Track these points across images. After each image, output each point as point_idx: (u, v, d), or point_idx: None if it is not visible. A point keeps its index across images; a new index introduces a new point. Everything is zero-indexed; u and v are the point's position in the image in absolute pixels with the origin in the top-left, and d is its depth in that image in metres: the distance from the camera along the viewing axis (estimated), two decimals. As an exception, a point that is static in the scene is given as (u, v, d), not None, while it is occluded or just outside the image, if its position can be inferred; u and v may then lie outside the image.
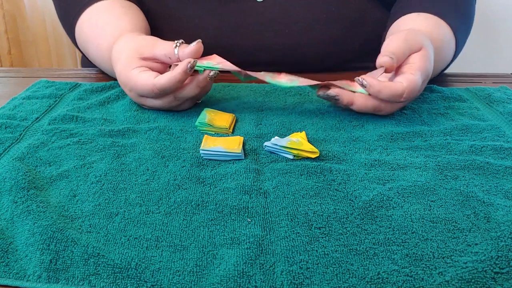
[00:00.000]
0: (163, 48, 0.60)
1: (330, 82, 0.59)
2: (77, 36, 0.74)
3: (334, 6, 0.76)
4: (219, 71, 0.59)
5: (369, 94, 0.57)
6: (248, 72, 0.60)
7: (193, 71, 0.57)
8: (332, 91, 0.58)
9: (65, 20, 0.76)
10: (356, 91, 0.59)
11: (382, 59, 0.57)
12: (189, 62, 0.56)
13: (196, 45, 0.58)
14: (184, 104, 0.61)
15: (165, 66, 0.62)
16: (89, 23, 0.71)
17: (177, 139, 0.54)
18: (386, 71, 0.57)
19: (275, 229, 0.39)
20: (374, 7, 0.79)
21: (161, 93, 0.58)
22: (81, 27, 0.73)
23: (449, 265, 0.35)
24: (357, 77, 0.57)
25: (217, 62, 0.60)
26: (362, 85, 0.56)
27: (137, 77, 0.58)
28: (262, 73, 0.60)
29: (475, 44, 0.84)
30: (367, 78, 0.56)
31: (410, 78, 0.56)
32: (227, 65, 0.60)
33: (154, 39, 0.62)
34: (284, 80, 0.60)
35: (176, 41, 0.60)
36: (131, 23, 0.70)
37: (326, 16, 0.76)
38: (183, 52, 0.58)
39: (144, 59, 0.60)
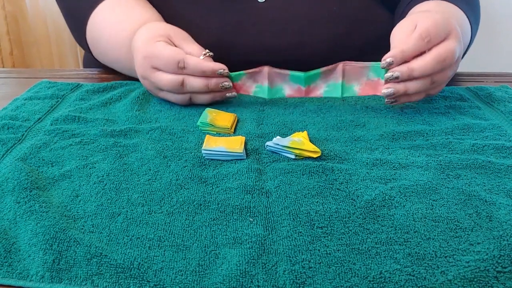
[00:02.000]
0: (192, 48, 0.62)
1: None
2: (89, 29, 0.74)
3: (335, 5, 0.76)
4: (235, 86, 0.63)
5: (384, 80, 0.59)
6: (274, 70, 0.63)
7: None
8: (387, 90, 0.58)
9: (75, 16, 0.76)
10: (368, 76, 0.60)
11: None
12: (223, 69, 0.60)
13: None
14: (194, 98, 0.63)
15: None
16: (108, 12, 0.72)
17: (179, 139, 0.55)
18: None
19: (277, 228, 0.39)
20: (376, 6, 0.79)
21: (180, 68, 0.59)
22: (97, 19, 0.73)
23: (451, 264, 0.35)
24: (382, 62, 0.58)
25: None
26: (389, 64, 0.57)
27: (164, 48, 0.60)
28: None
29: (476, 43, 0.84)
30: (388, 55, 0.57)
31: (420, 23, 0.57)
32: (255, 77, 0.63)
33: (186, 35, 0.65)
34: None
35: (207, 51, 0.63)
36: (156, 14, 0.72)
37: (327, 15, 0.76)
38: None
39: (171, 41, 0.63)
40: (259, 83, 0.63)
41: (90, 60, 0.87)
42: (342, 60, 0.80)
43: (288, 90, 0.63)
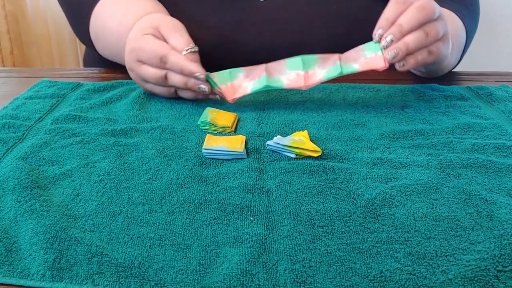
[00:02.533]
0: (177, 41, 0.62)
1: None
2: (92, 22, 0.75)
3: (335, 4, 0.76)
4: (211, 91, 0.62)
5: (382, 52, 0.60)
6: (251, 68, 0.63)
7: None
8: (390, 53, 0.59)
9: (78, 10, 0.76)
10: (365, 55, 0.61)
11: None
12: (200, 73, 0.59)
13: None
14: (178, 92, 0.64)
15: None
16: (111, 7, 0.72)
17: (179, 138, 0.55)
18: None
19: (278, 227, 0.39)
20: (376, 5, 0.79)
21: (161, 62, 0.60)
22: (101, 10, 0.73)
23: (452, 263, 0.35)
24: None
25: (232, 93, 0.62)
26: (381, 36, 0.60)
27: (150, 41, 0.61)
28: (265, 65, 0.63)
29: (476, 43, 0.84)
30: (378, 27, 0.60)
31: None
32: (226, 93, 0.62)
33: (178, 25, 0.65)
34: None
35: (190, 46, 0.62)
36: (159, 6, 0.72)
37: (327, 14, 0.76)
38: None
39: (159, 33, 0.63)
40: (256, 79, 0.62)
41: (91, 59, 0.87)
42: None
43: (286, 81, 0.61)
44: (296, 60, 0.62)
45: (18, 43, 1.84)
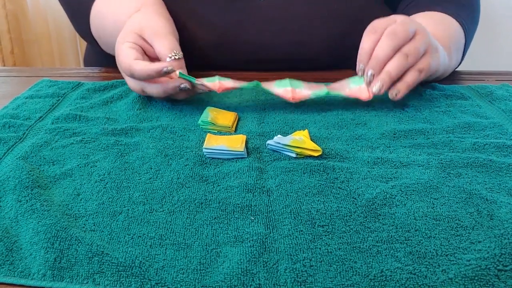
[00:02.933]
0: (161, 46, 0.61)
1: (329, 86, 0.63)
2: (92, 22, 0.75)
3: (335, 3, 0.76)
4: (195, 86, 0.61)
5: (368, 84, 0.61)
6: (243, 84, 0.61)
7: (171, 75, 0.59)
8: (375, 87, 0.60)
9: (77, 8, 0.76)
10: (350, 87, 0.62)
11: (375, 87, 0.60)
12: (166, 67, 0.56)
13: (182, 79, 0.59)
14: (178, 95, 0.62)
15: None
16: (106, 2, 0.72)
17: (180, 138, 0.55)
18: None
19: (278, 227, 0.39)
20: (376, 4, 0.79)
21: (132, 76, 0.59)
22: (97, 9, 0.73)
23: (452, 262, 0.35)
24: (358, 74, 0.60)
25: (219, 85, 0.60)
26: (372, 75, 0.60)
27: (124, 51, 0.60)
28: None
29: (477, 43, 0.84)
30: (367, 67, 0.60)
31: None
32: (212, 85, 0.60)
33: (164, 29, 0.63)
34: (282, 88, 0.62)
35: (174, 53, 0.61)
36: None
37: (327, 13, 0.76)
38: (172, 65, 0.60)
39: (142, 38, 0.62)
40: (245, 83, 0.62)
41: (91, 59, 0.88)
42: (340, 59, 0.80)
43: (276, 91, 0.62)
44: (284, 81, 0.63)
45: (19, 42, 1.84)
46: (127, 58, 0.59)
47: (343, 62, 0.81)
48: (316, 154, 0.50)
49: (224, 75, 0.66)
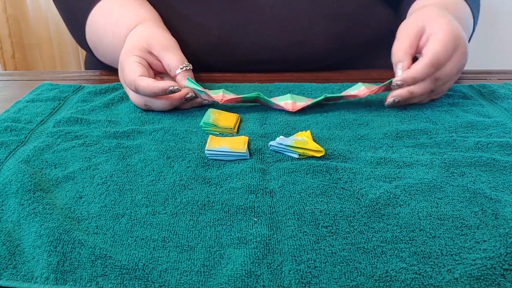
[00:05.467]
0: (171, 60, 0.62)
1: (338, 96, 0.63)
2: (87, 31, 0.74)
3: (336, 3, 0.76)
4: (197, 95, 0.61)
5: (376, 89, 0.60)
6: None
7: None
8: (391, 98, 0.60)
9: (73, 17, 0.76)
10: (356, 94, 0.62)
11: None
12: (172, 86, 0.57)
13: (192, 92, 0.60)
14: (183, 105, 0.63)
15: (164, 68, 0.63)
16: (104, 13, 0.72)
17: (182, 140, 0.54)
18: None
19: (282, 228, 0.39)
20: (378, 4, 0.79)
21: (136, 91, 0.60)
22: (94, 20, 0.73)
23: (457, 262, 0.35)
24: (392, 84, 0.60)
25: (222, 97, 0.61)
26: (399, 86, 0.59)
27: (129, 65, 0.60)
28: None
29: (479, 41, 0.84)
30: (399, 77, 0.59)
31: (429, 47, 0.58)
32: (215, 96, 0.61)
33: (171, 42, 0.64)
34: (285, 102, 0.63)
35: (185, 64, 0.62)
36: (152, 12, 0.71)
37: (328, 13, 0.76)
38: (181, 79, 0.62)
39: (150, 53, 0.63)
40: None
41: (92, 62, 0.87)
42: (342, 59, 0.80)
43: (276, 102, 0.62)
44: (286, 95, 0.64)
45: (20, 46, 1.84)
46: (133, 73, 0.59)
47: (346, 62, 0.81)
48: (318, 154, 0.50)
49: (224, 75, 0.66)
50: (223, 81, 0.73)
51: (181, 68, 0.62)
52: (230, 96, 0.62)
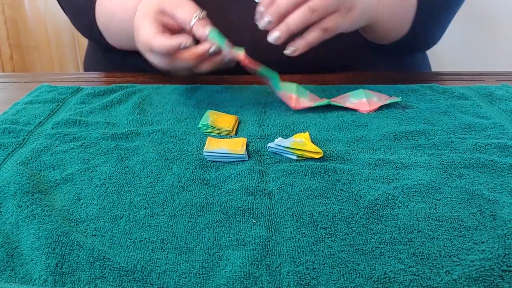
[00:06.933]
0: (183, 13, 0.60)
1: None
2: (98, 19, 0.74)
3: None
4: (222, 51, 0.59)
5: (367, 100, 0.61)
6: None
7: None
8: (272, 36, 0.57)
9: (82, 10, 0.76)
10: (350, 101, 0.62)
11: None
12: (184, 42, 0.56)
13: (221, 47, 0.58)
14: (182, 72, 0.62)
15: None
16: None
17: (180, 142, 0.54)
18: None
19: (281, 230, 0.39)
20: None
21: (151, 51, 0.59)
22: (102, 3, 0.73)
23: (456, 263, 0.35)
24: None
25: (245, 57, 0.60)
26: (270, 22, 0.56)
27: (143, 27, 0.60)
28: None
29: (476, 42, 0.84)
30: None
31: None
32: (238, 55, 0.59)
33: (179, 0, 0.62)
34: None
35: (197, 13, 0.60)
36: None
37: None
38: (197, 29, 0.59)
39: (163, 13, 0.61)
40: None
41: (91, 64, 0.88)
42: (338, 61, 0.80)
43: (281, 92, 0.63)
44: (292, 85, 0.64)
45: (18, 48, 1.84)
46: (147, 33, 0.59)
47: (342, 64, 0.81)
48: (317, 156, 0.50)
49: (222, 78, 0.66)
50: (220, 83, 0.73)
51: (195, 17, 0.59)
52: (251, 60, 0.60)
